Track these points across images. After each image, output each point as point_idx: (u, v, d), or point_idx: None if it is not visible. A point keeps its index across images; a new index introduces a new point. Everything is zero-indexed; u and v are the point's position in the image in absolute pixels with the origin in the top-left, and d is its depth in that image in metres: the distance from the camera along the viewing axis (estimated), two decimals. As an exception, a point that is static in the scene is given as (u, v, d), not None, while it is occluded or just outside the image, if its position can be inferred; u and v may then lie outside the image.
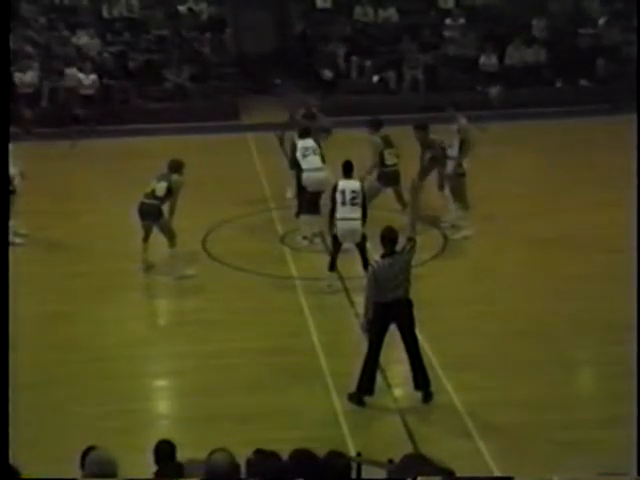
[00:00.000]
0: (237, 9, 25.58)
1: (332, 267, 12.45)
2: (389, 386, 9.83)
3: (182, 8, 24.82)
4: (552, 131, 20.64)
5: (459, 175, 14.11)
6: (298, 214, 14.27)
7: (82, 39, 23.29)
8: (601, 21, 25.20)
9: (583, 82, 23.96)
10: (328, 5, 25.58)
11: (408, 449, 8.20)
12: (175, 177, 12.82)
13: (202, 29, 24.50)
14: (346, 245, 12.39)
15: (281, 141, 16.53)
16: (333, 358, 10.34)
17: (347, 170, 12.52)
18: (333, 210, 12.29)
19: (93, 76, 21.92)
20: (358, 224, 12.12)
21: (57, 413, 9.36)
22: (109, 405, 9.48)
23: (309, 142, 14.23)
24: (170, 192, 12.74)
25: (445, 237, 14.20)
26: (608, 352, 10.33)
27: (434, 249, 13.69)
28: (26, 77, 21.53)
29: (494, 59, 23.84)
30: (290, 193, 15.71)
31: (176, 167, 12.94)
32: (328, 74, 23.35)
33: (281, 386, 9.80)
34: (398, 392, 9.80)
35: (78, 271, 13.13)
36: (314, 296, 12.17)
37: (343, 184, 12.26)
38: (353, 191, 12.15)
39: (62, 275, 13.01)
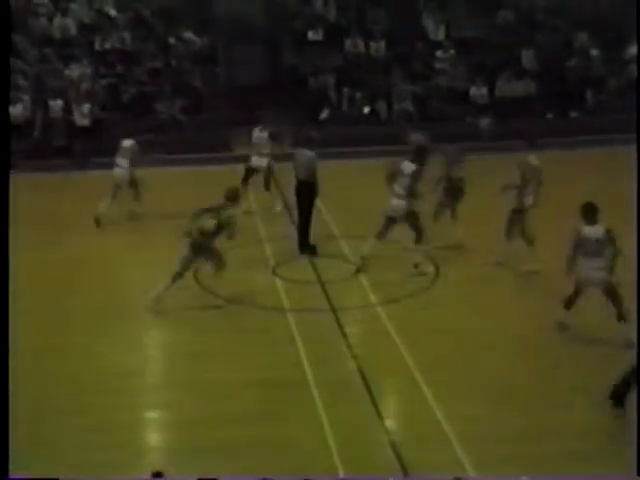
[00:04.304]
0: (229, 41, 25.74)
1: (420, 240, 13.91)
2: (381, 418, 9.81)
3: (174, 40, 24.98)
4: (543, 163, 20.68)
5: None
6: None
7: (74, 71, 23.40)
8: (589, 53, 25.44)
9: (573, 114, 24.16)
10: (319, 37, 25.77)
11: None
12: (227, 213, 12.71)
13: (194, 61, 24.65)
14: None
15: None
16: (325, 389, 10.30)
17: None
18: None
19: (87, 107, 22.05)
20: (402, 202, 13.75)
21: (49, 446, 9.31)
22: (100, 437, 9.44)
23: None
24: (220, 228, 12.67)
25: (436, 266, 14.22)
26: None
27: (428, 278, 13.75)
28: (16, 110, 21.56)
29: (484, 90, 24.03)
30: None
31: (232, 197, 12.91)
32: (324, 114, 23.56)
33: (273, 418, 9.77)
34: (390, 424, 9.77)
35: (70, 303, 13.12)
36: (306, 327, 12.15)
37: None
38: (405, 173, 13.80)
39: (55, 307, 12.99)
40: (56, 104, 22.17)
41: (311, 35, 25.75)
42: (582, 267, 11.42)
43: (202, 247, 12.77)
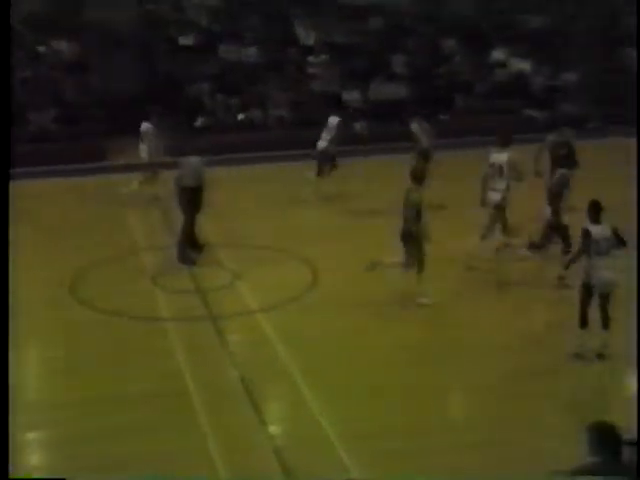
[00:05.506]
0: (101, 49, 25.37)
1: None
2: (263, 423, 9.91)
3: (43, 49, 24.53)
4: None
5: None
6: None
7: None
8: (456, 58, 26.22)
9: (443, 117, 24.77)
10: (190, 42, 25.70)
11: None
12: (413, 197, 12.52)
13: (65, 70, 24.25)
14: None
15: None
16: (206, 398, 10.34)
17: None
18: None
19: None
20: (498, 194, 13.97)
21: None
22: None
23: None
24: (419, 213, 12.51)
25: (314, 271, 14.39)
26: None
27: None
28: None
29: (356, 94, 24.43)
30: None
31: (416, 177, 12.65)
32: (199, 121, 23.56)
33: (153, 430, 9.72)
34: (272, 429, 9.89)
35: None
36: (186, 337, 12.15)
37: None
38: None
39: None
40: None
41: (182, 40, 25.67)
42: (599, 268, 10.93)
43: (404, 233, 12.66)
